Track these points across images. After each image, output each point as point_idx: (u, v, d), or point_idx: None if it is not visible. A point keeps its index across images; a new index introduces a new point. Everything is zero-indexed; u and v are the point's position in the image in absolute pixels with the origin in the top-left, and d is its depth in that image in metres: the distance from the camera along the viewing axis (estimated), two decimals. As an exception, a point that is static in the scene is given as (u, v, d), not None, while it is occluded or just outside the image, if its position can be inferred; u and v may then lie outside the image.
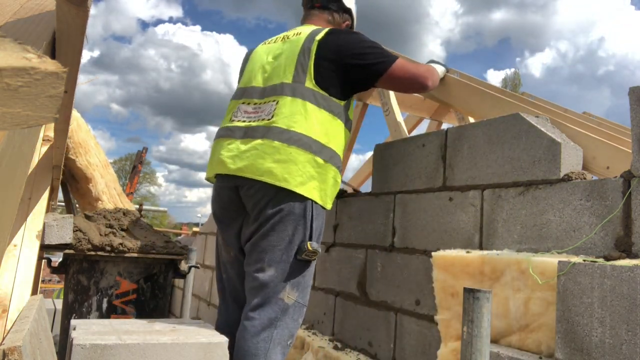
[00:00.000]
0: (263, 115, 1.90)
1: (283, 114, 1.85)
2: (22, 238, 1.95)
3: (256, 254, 1.85)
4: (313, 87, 1.88)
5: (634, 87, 1.49)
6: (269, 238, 1.83)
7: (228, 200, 1.95)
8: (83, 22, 1.00)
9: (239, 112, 2.01)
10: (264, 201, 1.83)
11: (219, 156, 1.95)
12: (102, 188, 4.30)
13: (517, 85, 30.20)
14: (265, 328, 1.80)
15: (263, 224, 1.84)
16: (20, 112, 0.51)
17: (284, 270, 1.83)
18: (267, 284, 1.82)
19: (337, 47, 1.91)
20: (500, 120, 1.94)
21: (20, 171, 1.39)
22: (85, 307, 2.76)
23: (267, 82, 1.97)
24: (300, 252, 1.84)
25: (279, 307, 1.83)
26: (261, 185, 1.82)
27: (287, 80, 1.89)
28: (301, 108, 1.85)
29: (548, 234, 1.70)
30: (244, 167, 1.85)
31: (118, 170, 41.79)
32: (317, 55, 1.89)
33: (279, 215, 1.82)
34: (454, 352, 1.66)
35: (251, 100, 2.00)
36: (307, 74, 1.88)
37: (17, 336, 1.30)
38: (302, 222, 1.85)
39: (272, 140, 1.82)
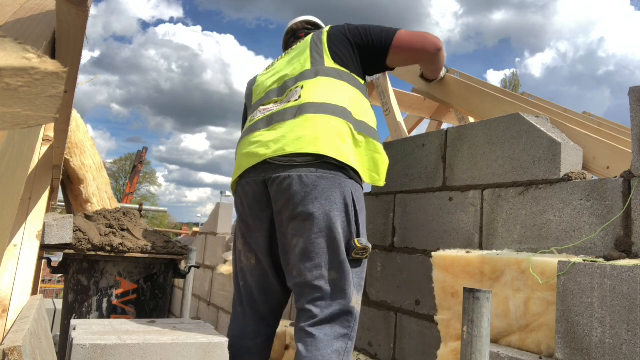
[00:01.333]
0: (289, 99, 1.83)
1: (311, 91, 1.78)
2: (22, 238, 1.95)
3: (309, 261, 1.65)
4: (333, 65, 1.88)
5: (634, 87, 1.50)
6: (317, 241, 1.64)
7: (253, 195, 1.77)
8: (83, 22, 1.00)
9: (258, 112, 1.94)
10: (300, 195, 1.63)
11: (245, 152, 1.80)
12: (93, 190, 4.30)
13: (516, 86, 30.21)
14: (339, 338, 1.63)
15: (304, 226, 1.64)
16: (21, 112, 0.51)
17: (346, 271, 1.66)
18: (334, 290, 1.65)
19: (344, 32, 1.96)
20: (500, 120, 1.94)
21: (20, 171, 1.39)
22: (85, 307, 2.76)
23: (284, 79, 1.96)
24: (350, 251, 1.68)
25: (352, 316, 1.67)
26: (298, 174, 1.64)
27: (306, 68, 1.89)
28: (328, 83, 1.81)
29: (548, 234, 1.70)
30: (280, 147, 1.67)
31: (118, 170, 41.83)
32: (329, 40, 1.94)
33: (318, 213, 1.63)
34: (454, 352, 1.66)
35: (270, 101, 1.95)
36: (324, 56, 1.90)
37: (17, 336, 1.30)
38: (345, 217, 1.68)
39: (308, 114, 1.70)
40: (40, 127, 1.95)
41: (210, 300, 4.74)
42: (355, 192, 1.72)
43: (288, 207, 1.66)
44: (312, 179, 1.64)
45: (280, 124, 1.74)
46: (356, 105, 1.81)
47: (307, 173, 1.64)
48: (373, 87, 3.28)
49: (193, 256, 3.27)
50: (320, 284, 1.64)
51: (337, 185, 1.66)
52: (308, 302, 1.66)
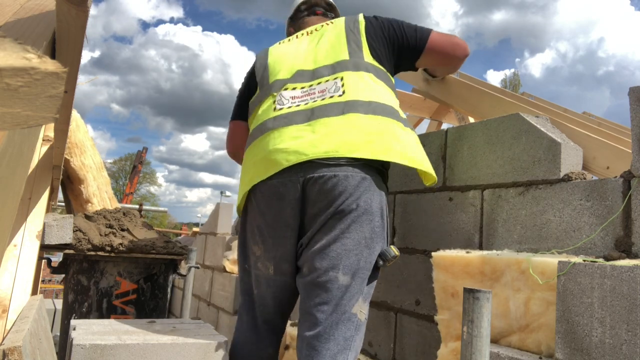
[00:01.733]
0: (328, 93, 1.67)
1: (355, 87, 1.66)
2: (22, 238, 1.95)
3: (327, 260, 1.54)
4: (372, 61, 1.77)
5: (634, 87, 1.50)
6: (343, 241, 1.53)
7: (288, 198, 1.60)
8: (83, 22, 1.00)
9: (283, 99, 1.74)
10: (344, 196, 1.53)
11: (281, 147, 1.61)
12: (93, 190, 4.31)
13: (517, 86, 30.22)
14: (342, 351, 1.52)
15: (336, 225, 1.54)
16: (21, 112, 0.51)
17: (361, 279, 1.56)
18: (342, 296, 1.54)
19: (380, 25, 1.86)
20: (500, 120, 1.94)
21: (20, 171, 1.39)
22: (85, 307, 2.76)
23: (316, 65, 1.79)
24: (384, 258, 1.58)
25: (353, 324, 1.55)
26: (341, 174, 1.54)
27: (344, 57, 1.75)
28: (370, 81, 1.71)
29: (548, 234, 1.70)
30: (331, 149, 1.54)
31: (118, 170, 41.85)
32: (366, 31, 1.82)
33: (355, 212, 1.54)
34: (454, 352, 1.66)
35: (297, 85, 1.76)
36: (362, 49, 1.78)
37: (17, 336, 1.30)
38: (380, 221, 1.59)
39: (356, 113, 1.59)
40: (40, 127, 1.95)
41: (210, 300, 4.74)
42: (386, 198, 1.67)
43: (329, 207, 1.55)
44: (357, 180, 1.55)
45: (325, 121, 1.60)
46: (397, 104, 1.78)
47: (352, 173, 1.55)
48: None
49: (193, 256, 3.27)
50: (330, 286, 1.54)
51: (376, 188, 1.60)
52: (313, 306, 1.56)
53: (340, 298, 1.53)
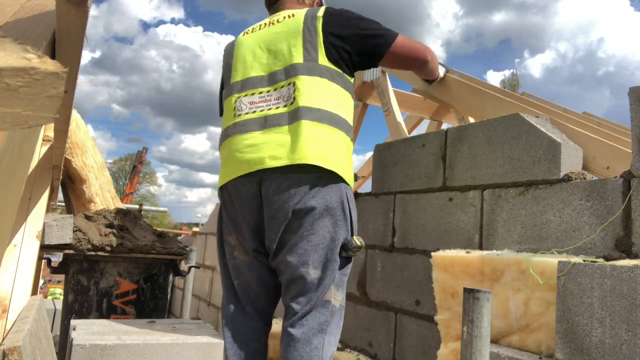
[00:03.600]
0: (282, 101, 1.75)
1: (306, 94, 1.72)
2: (22, 238, 1.95)
3: (296, 257, 1.66)
4: (327, 64, 1.78)
5: (634, 87, 1.50)
6: (309, 238, 1.65)
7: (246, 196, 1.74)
8: (83, 22, 1.00)
9: (242, 105, 1.84)
10: (298, 196, 1.65)
11: (238, 155, 1.76)
12: (95, 190, 4.32)
13: (516, 86, 30.23)
14: (316, 334, 1.64)
15: (299, 224, 1.66)
16: (20, 112, 0.51)
17: (331, 270, 1.68)
18: (313, 288, 1.67)
19: (341, 23, 1.84)
20: (500, 120, 1.94)
21: (20, 171, 1.39)
22: (85, 307, 2.76)
23: (272, 68, 1.83)
24: (347, 249, 1.69)
25: (327, 310, 1.68)
26: (295, 177, 1.65)
27: (298, 61, 1.77)
28: (321, 86, 1.75)
29: (548, 234, 1.70)
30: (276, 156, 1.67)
31: (118, 170, 41.85)
32: (323, 31, 1.80)
33: (315, 210, 1.65)
34: (454, 352, 1.66)
35: (255, 91, 1.83)
36: (318, 51, 1.78)
37: (17, 336, 1.30)
38: (342, 215, 1.70)
39: (302, 122, 1.68)
40: (40, 127, 1.95)
41: (210, 300, 4.74)
42: (347, 191, 1.75)
43: (284, 207, 1.66)
44: (312, 179, 1.66)
45: (276, 130, 1.71)
46: (347, 109, 1.83)
47: (306, 175, 1.66)
48: (373, 87, 3.28)
49: (193, 256, 3.27)
50: (304, 281, 1.66)
51: (334, 186, 1.70)
52: (290, 299, 1.70)
53: (314, 290, 1.66)
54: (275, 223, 1.68)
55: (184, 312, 3.51)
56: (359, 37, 1.84)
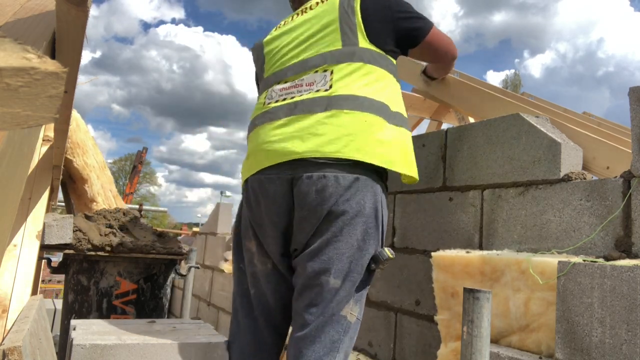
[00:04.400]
0: (315, 86, 1.60)
1: (344, 81, 1.58)
2: (22, 238, 1.95)
3: (319, 263, 1.51)
4: (369, 46, 1.63)
5: (634, 87, 1.50)
6: (336, 244, 1.49)
7: (275, 195, 1.56)
8: (83, 22, 1.00)
9: (273, 93, 1.71)
10: (334, 198, 1.48)
11: (265, 145, 1.60)
12: (97, 189, 4.32)
13: (518, 86, 30.24)
14: (328, 353, 1.49)
15: (327, 228, 1.50)
16: (20, 112, 0.51)
17: (351, 282, 1.52)
18: (329, 298, 1.51)
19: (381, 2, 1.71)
20: (500, 120, 1.94)
21: (20, 171, 1.39)
22: (85, 307, 2.76)
23: (306, 55, 1.68)
24: (377, 261, 1.53)
25: (341, 326, 1.52)
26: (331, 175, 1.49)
27: (336, 47, 1.63)
28: (363, 72, 1.60)
29: (548, 234, 1.70)
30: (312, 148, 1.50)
31: (118, 170, 41.86)
32: (362, 11, 1.66)
33: (347, 215, 1.49)
34: (454, 352, 1.66)
35: (287, 79, 1.70)
36: (357, 33, 1.64)
37: (17, 336, 1.30)
38: (374, 223, 1.53)
39: (340, 110, 1.52)
40: (40, 127, 1.95)
41: (210, 300, 4.74)
42: (383, 197, 1.60)
43: (319, 209, 1.50)
44: (349, 180, 1.50)
45: (306, 116, 1.55)
46: (392, 95, 1.65)
47: (343, 174, 1.50)
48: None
49: (193, 256, 3.27)
50: (321, 290, 1.51)
51: (370, 188, 1.54)
52: (303, 308, 1.55)
53: (329, 301, 1.51)
54: (306, 226, 1.53)
55: (184, 312, 3.51)
56: (399, 19, 1.71)
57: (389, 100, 1.63)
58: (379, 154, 1.53)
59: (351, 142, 1.50)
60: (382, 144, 1.55)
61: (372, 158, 1.52)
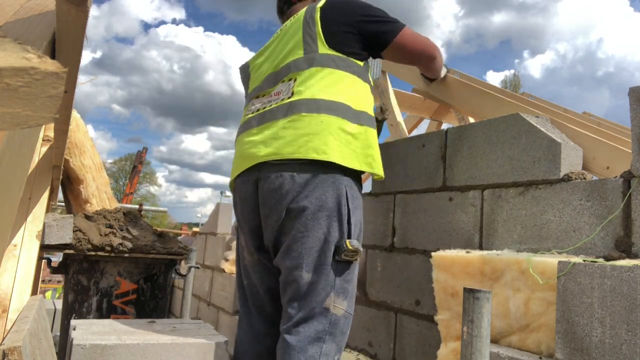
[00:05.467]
0: (282, 96, 1.72)
1: (305, 85, 1.67)
2: (22, 238, 1.95)
3: (290, 259, 1.61)
4: (328, 51, 1.71)
5: (634, 87, 1.50)
6: (303, 240, 1.59)
7: (246, 196, 1.74)
8: (83, 22, 1.00)
9: (252, 106, 1.87)
10: (291, 195, 1.59)
11: (240, 152, 1.79)
12: (92, 191, 4.31)
13: (517, 86, 30.23)
14: (313, 342, 1.57)
15: (292, 225, 1.60)
16: (20, 112, 0.51)
17: (325, 274, 1.60)
18: (309, 292, 1.59)
19: (342, 8, 1.78)
20: (500, 120, 1.94)
21: (20, 171, 1.39)
22: (85, 307, 2.76)
23: (277, 68, 1.82)
24: (339, 252, 1.60)
25: (325, 318, 1.60)
26: (288, 174, 1.60)
27: (298, 56, 1.74)
28: (322, 75, 1.68)
29: (548, 234, 1.70)
30: (271, 151, 1.63)
31: (118, 170, 41.85)
32: (322, 19, 1.74)
33: (308, 210, 1.58)
34: (454, 352, 1.66)
35: (265, 92, 1.84)
36: (317, 41, 1.72)
37: (17, 336, 1.30)
38: (337, 216, 1.61)
39: (299, 114, 1.62)
40: (40, 127, 1.95)
41: (210, 300, 4.74)
42: (350, 189, 1.65)
43: (277, 207, 1.61)
44: (305, 178, 1.59)
45: (271, 124, 1.68)
46: (356, 95, 1.72)
47: (299, 172, 1.59)
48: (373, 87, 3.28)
49: (193, 256, 3.27)
50: (297, 284, 1.60)
51: (331, 184, 1.61)
52: (286, 303, 1.65)
53: (308, 294, 1.60)
54: (270, 223, 1.66)
55: (184, 312, 3.51)
56: (362, 23, 1.76)
57: (351, 100, 1.69)
58: (336, 153, 1.60)
59: (308, 142, 1.59)
60: (340, 142, 1.62)
61: (329, 156, 1.59)
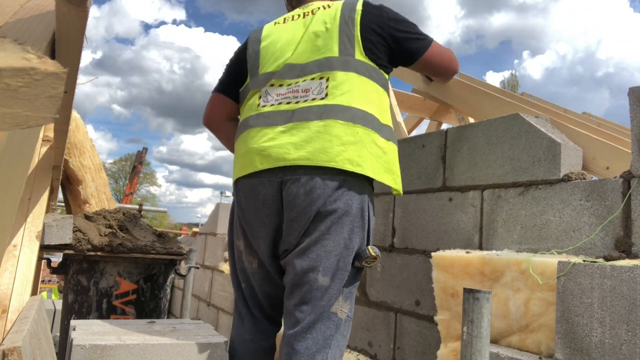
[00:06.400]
0: (312, 94, 1.65)
1: (339, 90, 1.63)
2: (22, 238, 1.95)
3: (307, 261, 1.57)
4: (364, 59, 1.69)
5: (633, 88, 1.50)
6: (324, 242, 1.55)
7: (265, 197, 1.63)
8: (83, 22, 1.00)
9: (269, 96, 1.73)
10: (322, 199, 1.55)
11: (259, 148, 1.64)
12: (91, 191, 4.30)
13: (515, 87, 30.23)
14: (320, 349, 1.55)
15: (316, 226, 1.56)
16: (20, 112, 0.51)
17: (340, 280, 1.58)
18: (321, 296, 1.56)
19: (380, 18, 1.75)
20: (500, 120, 1.94)
21: (20, 171, 1.39)
22: (85, 308, 2.76)
23: (304, 59, 1.72)
24: (360, 259, 1.59)
25: (333, 323, 1.58)
26: (320, 179, 1.55)
27: (333, 54, 1.68)
28: (357, 83, 1.66)
29: (548, 234, 1.70)
30: (304, 155, 1.56)
31: (118, 170, 41.85)
32: (362, 24, 1.70)
33: (335, 214, 1.56)
34: (454, 352, 1.66)
35: (284, 82, 1.73)
36: (355, 45, 1.69)
37: (17, 337, 1.30)
38: (360, 222, 1.60)
39: (335, 120, 1.58)
40: (40, 127, 1.95)
41: (210, 300, 4.74)
42: (370, 197, 1.66)
43: (308, 210, 1.56)
44: (336, 183, 1.57)
45: (303, 124, 1.61)
46: (382, 108, 1.71)
47: (330, 176, 1.57)
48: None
49: (193, 256, 3.27)
50: (310, 288, 1.57)
51: (357, 191, 1.61)
52: (293, 306, 1.61)
53: (319, 299, 1.56)
54: (296, 227, 1.59)
55: (184, 312, 3.51)
56: (395, 37, 1.75)
57: (379, 113, 1.68)
58: (368, 166, 1.60)
59: (343, 152, 1.57)
60: (372, 155, 1.61)
61: (363, 169, 1.58)
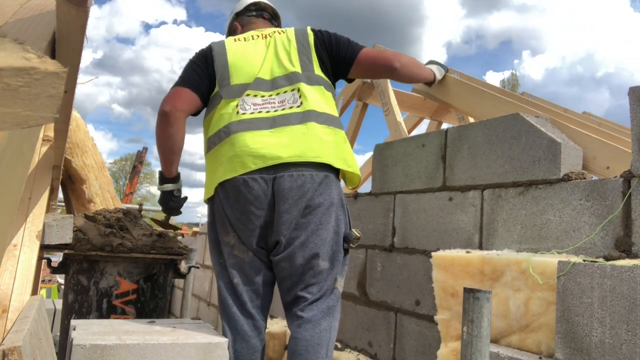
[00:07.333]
0: (287, 104, 1.91)
1: (310, 99, 1.91)
2: (22, 238, 1.95)
3: (308, 251, 1.79)
4: (320, 73, 1.99)
5: (634, 87, 1.50)
6: (319, 233, 1.80)
7: (258, 192, 1.80)
8: (83, 22, 1.00)
9: (246, 104, 1.92)
10: (310, 192, 1.79)
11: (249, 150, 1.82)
12: (95, 190, 4.30)
13: (515, 86, 30.23)
14: (325, 317, 1.81)
15: (308, 220, 1.79)
16: (21, 112, 0.51)
17: (338, 261, 1.85)
18: (326, 277, 1.83)
19: (326, 39, 2.06)
20: (500, 120, 1.94)
21: (20, 171, 1.39)
22: (85, 307, 2.76)
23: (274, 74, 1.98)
24: (347, 240, 1.86)
25: (335, 295, 1.85)
26: (308, 174, 1.79)
27: (298, 70, 1.96)
28: (320, 93, 1.96)
29: (548, 234, 1.70)
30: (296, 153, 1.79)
31: (118, 170, 41.82)
32: (315, 45, 2.02)
33: (323, 206, 1.80)
34: (454, 352, 1.66)
35: (257, 93, 1.95)
36: (313, 63, 2.00)
37: (17, 336, 1.30)
38: (342, 210, 1.87)
39: (313, 124, 1.85)
40: (40, 127, 1.95)
41: (211, 300, 4.74)
42: (341, 189, 1.93)
43: (299, 202, 1.78)
44: (320, 177, 1.82)
45: (287, 129, 1.85)
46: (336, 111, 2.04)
47: (315, 172, 1.81)
48: (373, 87, 3.28)
49: (193, 256, 3.27)
50: (314, 272, 1.81)
51: (335, 183, 1.87)
52: (301, 290, 1.82)
53: (324, 280, 1.82)
54: (288, 218, 1.79)
55: (184, 312, 3.51)
56: (337, 48, 2.05)
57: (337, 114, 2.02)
58: (343, 159, 1.89)
59: (327, 149, 1.84)
60: (344, 150, 1.91)
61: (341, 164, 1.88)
